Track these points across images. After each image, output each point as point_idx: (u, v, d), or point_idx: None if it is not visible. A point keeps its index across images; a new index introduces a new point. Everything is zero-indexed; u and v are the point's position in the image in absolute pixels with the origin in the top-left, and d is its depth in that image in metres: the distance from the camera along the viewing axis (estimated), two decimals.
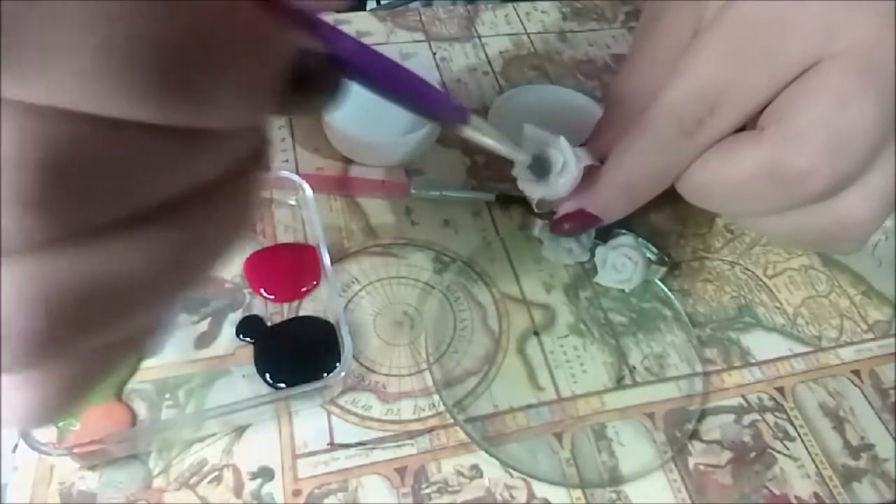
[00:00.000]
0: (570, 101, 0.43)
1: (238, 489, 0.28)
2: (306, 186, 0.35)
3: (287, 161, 0.39)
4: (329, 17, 0.47)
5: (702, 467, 0.30)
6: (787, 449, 0.31)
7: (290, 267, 0.34)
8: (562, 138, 0.28)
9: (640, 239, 0.34)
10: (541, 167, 0.28)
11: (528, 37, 0.50)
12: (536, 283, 0.36)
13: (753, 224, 0.29)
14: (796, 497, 0.30)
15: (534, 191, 0.29)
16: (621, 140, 0.27)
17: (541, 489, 0.29)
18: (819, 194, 0.23)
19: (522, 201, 0.37)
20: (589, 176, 0.28)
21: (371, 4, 0.53)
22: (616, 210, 0.29)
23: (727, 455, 0.31)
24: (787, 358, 0.35)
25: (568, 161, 0.27)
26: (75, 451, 0.26)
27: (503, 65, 0.47)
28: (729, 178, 0.24)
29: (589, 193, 0.28)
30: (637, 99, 0.28)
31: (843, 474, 0.31)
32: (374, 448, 0.29)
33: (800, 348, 0.35)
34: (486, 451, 0.29)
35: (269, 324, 0.32)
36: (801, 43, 0.23)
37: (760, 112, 0.25)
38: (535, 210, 0.30)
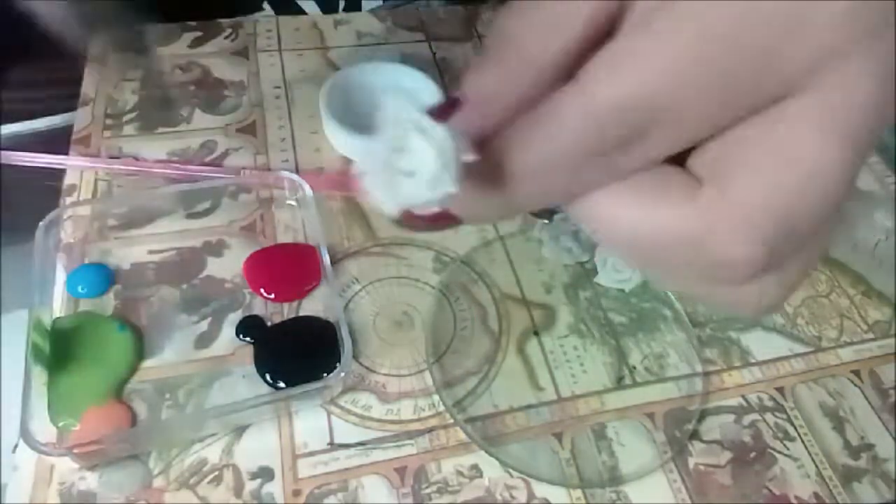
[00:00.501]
0: None
1: (238, 489, 0.28)
2: (306, 186, 0.35)
3: (287, 161, 0.39)
4: (330, 21, 0.47)
5: (702, 467, 0.30)
6: (787, 449, 0.31)
7: (290, 267, 0.34)
8: (437, 127, 0.18)
9: None
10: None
11: None
12: (536, 283, 0.36)
13: (639, 268, 0.24)
14: (796, 497, 0.30)
15: (389, 201, 0.19)
16: (515, 123, 0.20)
17: (541, 489, 0.29)
18: (740, 281, 0.19)
19: None
20: None
21: (371, 4, 0.53)
22: (482, 215, 0.21)
23: (727, 455, 0.31)
24: (787, 358, 0.35)
25: (443, 151, 0.18)
26: (75, 451, 0.26)
27: None
28: (639, 229, 0.19)
29: None
30: (537, 39, 0.20)
31: (843, 474, 0.31)
32: (374, 448, 0.29)
33: (800, 348, 0.35)
34: (486, 451, 0.29)
35: (269, 324, 0.32)
36: (784, 66, 0.17)
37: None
38: (397, 223, 0.23)
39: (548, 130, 0.19)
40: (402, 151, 0.19)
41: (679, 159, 0.19)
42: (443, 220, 0.21)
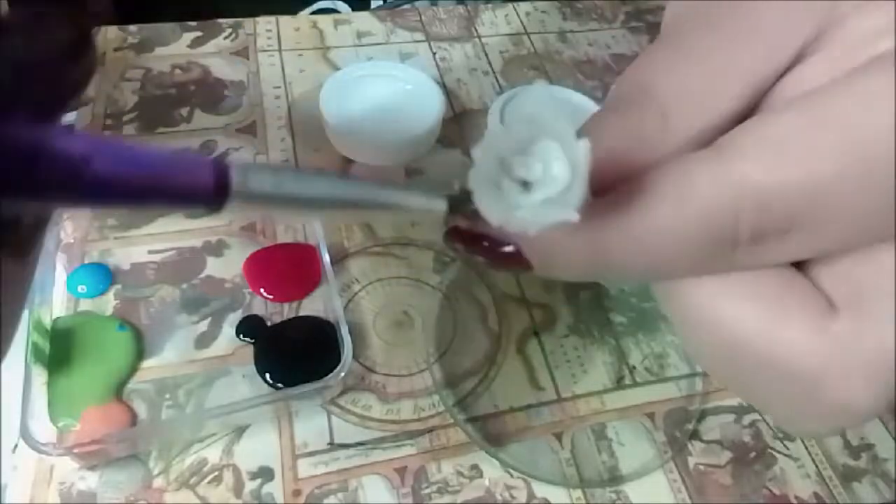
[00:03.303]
0: (570, 101, 0.43)
1: (238, 489, 0.28)
2: None
3: (287, 161, 0.39)
4: (330, 21, 0.47)
5: (702, 467, 0.30)
6: (787, 449, 0.31)
7: (290, 267, 0.34)
8: (578, 141, 0.14)
9: None
10: (461, 206, 0.16)
11: (528, 37, 0.50)
12: (536, 283, 0.36)
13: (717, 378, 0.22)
14: (796, 497, 0.30)
15: (493, 210, 0.15)
16: (621, 188, 0.16)
17: (541, 489, 0.29)
18: (848, 425, 0.17)
19: None
20: None
21: (373, 4, 0.53)
22: (560, 269, 0.17)
23: (727, 455, 0.31)
24: None
25: (576, 168, 0.14)
26: (75, 451, 0.26)
27: (503, 65, 0.47)
28: (748, 342, 0.15)
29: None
30: (667, 100, 0.16)
31: (843, 474, 0.31)
32: (374, 448, 0.29)
33: None
34: (486, 451, 0.29)
35: (269, 324, 0.32)
36: None
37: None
38: (444, 241, 0.18)
39: (674, 197, 0.15)
40: (527, 156, 0.15)
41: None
42: (512, 262, 0.18)
